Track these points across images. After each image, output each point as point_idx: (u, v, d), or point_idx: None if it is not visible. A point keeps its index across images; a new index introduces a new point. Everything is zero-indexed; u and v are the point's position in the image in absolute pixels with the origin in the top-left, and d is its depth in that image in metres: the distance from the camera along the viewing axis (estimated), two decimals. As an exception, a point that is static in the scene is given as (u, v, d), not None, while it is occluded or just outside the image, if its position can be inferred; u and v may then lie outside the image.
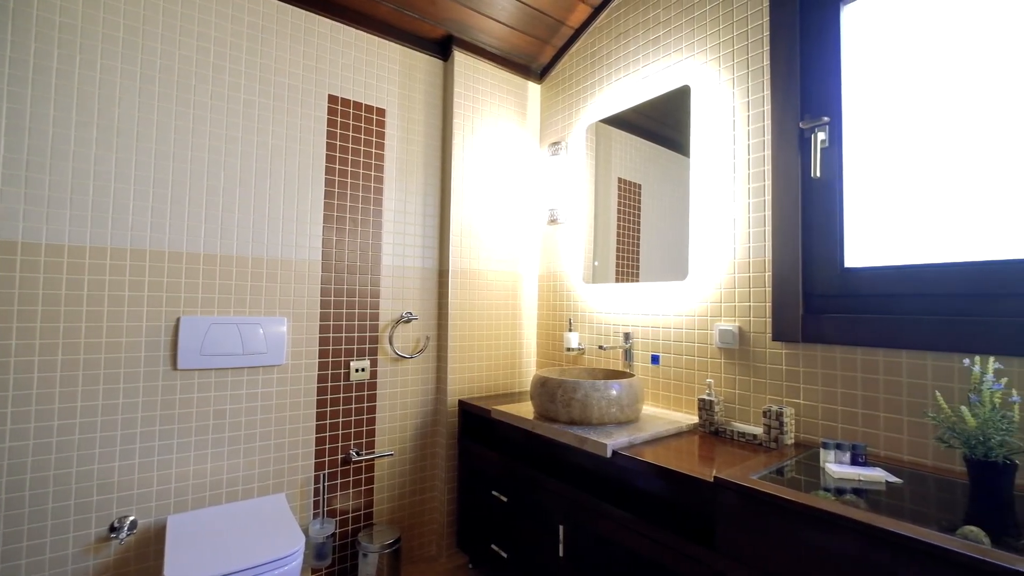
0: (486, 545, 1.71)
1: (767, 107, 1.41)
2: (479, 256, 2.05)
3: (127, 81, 1.42)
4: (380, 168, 1.88)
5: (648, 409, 1.63)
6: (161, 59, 1.47)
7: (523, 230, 2.20)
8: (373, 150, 1.86)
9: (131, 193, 1.42)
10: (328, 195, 1.76)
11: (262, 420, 1.60)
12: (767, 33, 1.42)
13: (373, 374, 1.84)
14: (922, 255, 1.15)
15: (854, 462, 1.05)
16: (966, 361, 0.99)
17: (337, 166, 1.78)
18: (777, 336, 1.35)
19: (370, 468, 1.83)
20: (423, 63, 2.00)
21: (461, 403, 1.92)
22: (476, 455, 1.79)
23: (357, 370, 1.79)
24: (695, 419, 1.50)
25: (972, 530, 0.82)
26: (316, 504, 1.70)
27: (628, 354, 1.76)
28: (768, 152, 1.40)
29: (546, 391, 1.47)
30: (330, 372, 1.74)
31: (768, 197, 1.40)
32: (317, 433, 1.71)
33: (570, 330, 1.90)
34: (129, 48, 1.43)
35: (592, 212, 1.96)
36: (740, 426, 1.39)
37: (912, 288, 1.14)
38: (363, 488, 1.81)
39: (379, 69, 1.89)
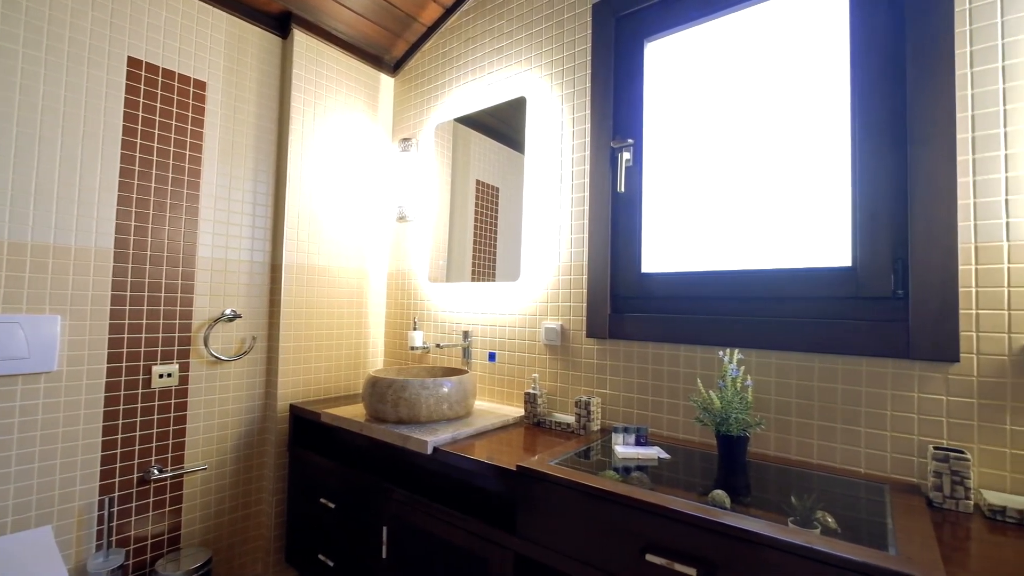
0: (314, 556, 1.62)
1: (588, 125, 1.55)
2: (321, 251, 1.94)
3: None
4: (198, 148, 1.67)
5: (482, 404, 1.69)
6: None
7: (372, 226, 2.13)
8: (189, 126, 1.65)
9: None
10: (126, 173, 1.51)
11: (20, 440, 1.32)
12: (590, 58, 1.56)
13: (183, 380, 1.63)
14: (697, 263, 1.35)
15: (637, 443, 1.20)
16: (720, 352, 1.19)
17: (139, 140, 1.54)
18: (590, 333, 1.49)
19: (177, 486, 1.62)
20: (256, 37, 1.83)
21: (293, 408, 1.79)
22: (308, 463, 1.69)
23: (162, 376, 1.57)
24: (522, 412, 1.59)
25: (718, 493, 0.99)
26: (100, 534, 1.45)
27: (466, 352, 1.80)
28: (588, 166, 1.54)
29: (376, 391, 1.44)
30: (124, 379, 1.50)
31: (586, 207, 1.54)
32: (104, 451, 1.46)
33: (414, 329, 1.89)
34: None
35: (447, 211, 1.97)
36: (559, 416, 1.51)
37: (689, 291, 1.34)
38: (167, 509, 1.59)
39: (199, 36, 1.68)
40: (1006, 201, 0.95)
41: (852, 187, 1.13)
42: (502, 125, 1.82)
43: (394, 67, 2.23)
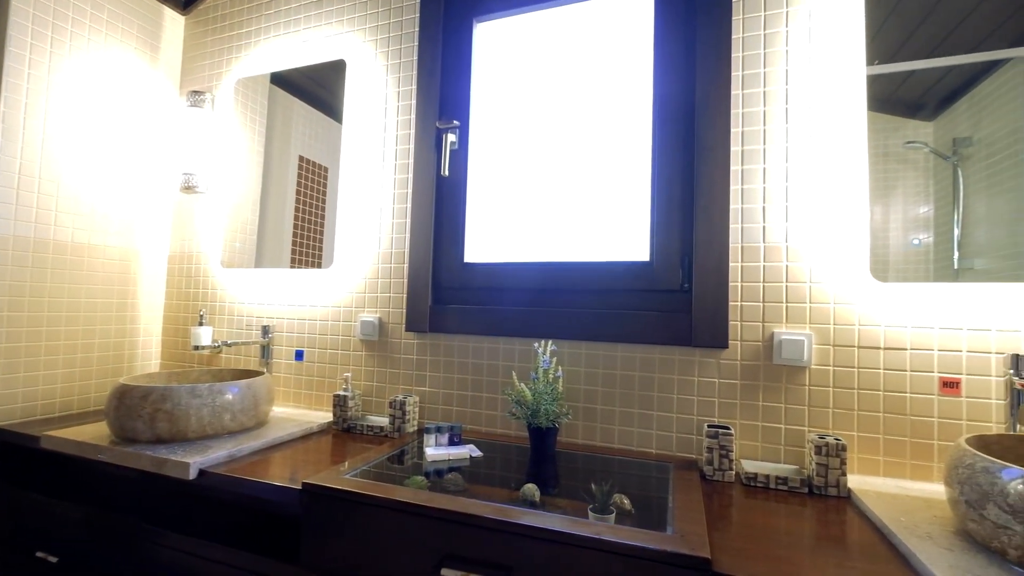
0: (28, 630, 1.20)
1: (414, 101, 1.43)
2: (67, 223, 1.46)
3: None
4: None
5: (284, 411, 1.45)
6: None
7: (147, 195, 1.70)
8: None
9: None
10: None
11: None
12: (418, 29, 1.44)
13: None
14: (519, 254, 1.34)
15: (451, 442, 1.13)
16: (535, 344, 1.18)
17: None
18: (410, 327, 1.37)
19: None
20: (-53, -86, 1.30)
21: None
22: (21, 505, 1.25)
23: None
24: (332, 417, 1.40)
25: (528, 488, 0.95)
26: None
27: (266, 351, 1.53)
28: (412, 146, 1.42)
29: (125, 405, 1.11)
30: None
31: (410, 190, 1.42)
32: None
33: (200, 324, 1.55)
34: None
35: (258, 187, 1.65)
36: (373, 419, 1.36)
37: (510, 282, 1.32)
38: None
39: None
40: (763, 208, 1.10)
41: (652, 187, 1.21)
42: (332, 98, 1.59)
43: (184, 3, 1.81)
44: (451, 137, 1.36)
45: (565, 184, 1.31)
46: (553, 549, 0.73)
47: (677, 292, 1.17)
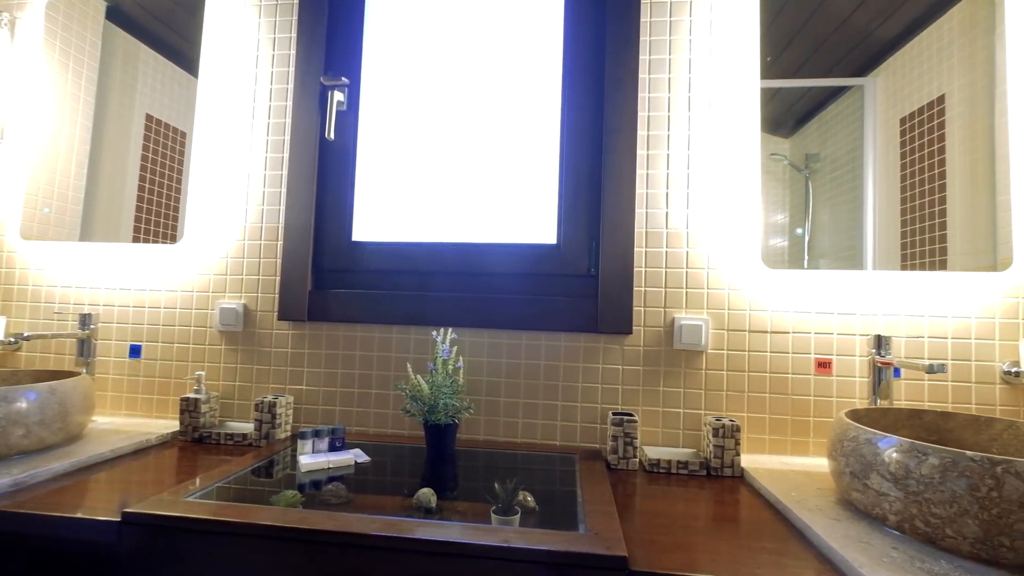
0: None
1: (294, 51, 1.22)
2: None
3: None
4: None
5: (110, 421, 1.15)
6: None
7: None
8: None
9: None
10: None
11: None
12: (300, -32, 1.23)
13: None
14: (416, 233, 1.20)
15: (332, 448, 0.96)
16: (434, 333, 1.06)
17: None
18: (284, 315, 1.17)
19: None
20: None
21: None
22: None
23: None
24: (178, 425, 1.14)
25: (424, 493, 0.83)
26: None
27: (84, 345, 1.21)
28: (291, 103, 1.21)
29: None
30: None
31: (287, 154, 1.21)
32: None
33: (-14, 312, 1.17)
34: None
35: (85, 145, 1.29)
36: (235, 425, 1.13)
37: (405, 264, 1.18)
38: None
39: None
40: (667, 194, 1.10)
41: (560, 168, 1.16)
42: (191, 48, 1.29)
43: None
44: (338, 96, 1.18)
45: (470, 160, 1.20)
46: (456, 565, 0.62)
47: (584, 277, 1.13)
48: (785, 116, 1.09)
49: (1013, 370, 0.97)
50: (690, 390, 1.07)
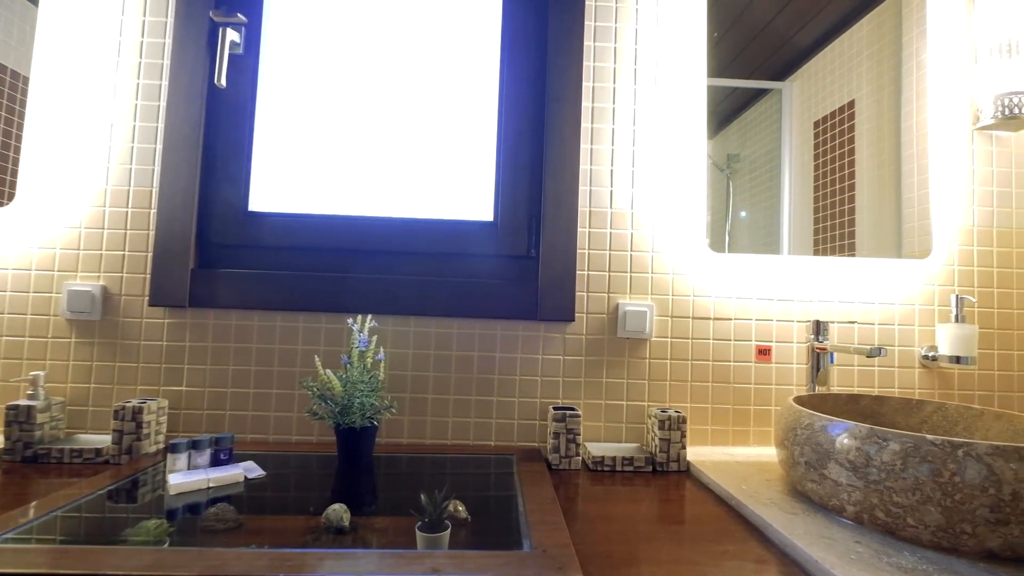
0: None
1: (175, -22, 1.00)
2: None
3: None
4: None
5: (-100, 440, 0.87)
6: None
7: None
8: None
9: None
10: None
11: None
12: None
13: None
14: (329, 205, 1.03)
15: (217, 461, 0.78)
16: (350, 321, 0.90)
17: None
18: (157, 300, 0.95)
19: None
20: None
21: None
22: None
23: None
24: (1, 441, 0.88)
25: (335, 509, 0.68)
26: None
27: None
28: (169, 40, 0.99)
29: None
30: None
31: (163, 103, 0.98)
32: None
33: None
34: None
35: None
36: (87, 438, 0.90)
37: (315, 240, 1.00)
38: None
39: None
40: (612, 172, 1.02)
41: (498, 137, 1.04)
42: None
43: None
44: (233, 35, 0.97)
45: (396, 124, 1.05)
46: (369, 607, 0.49)
47: (523, 258, 1.02)
48: (710, 117, 1.07)
49: (931, 354, 1.01)
50: (633, 381, 1.00)
